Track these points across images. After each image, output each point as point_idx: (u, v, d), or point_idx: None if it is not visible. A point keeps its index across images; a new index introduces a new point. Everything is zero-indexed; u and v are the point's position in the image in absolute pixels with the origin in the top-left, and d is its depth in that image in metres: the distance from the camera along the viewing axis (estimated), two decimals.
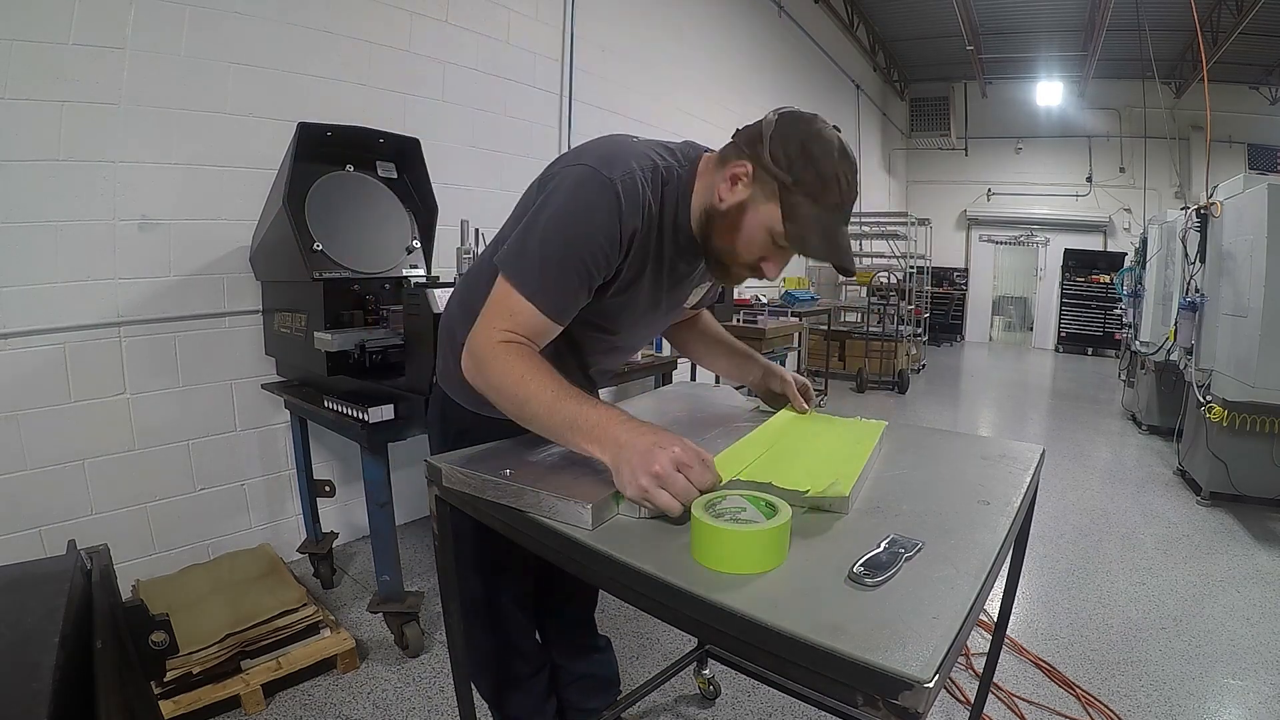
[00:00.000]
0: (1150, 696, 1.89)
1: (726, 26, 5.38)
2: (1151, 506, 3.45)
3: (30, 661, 0.54)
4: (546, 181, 0.99)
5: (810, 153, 0.90)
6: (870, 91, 9.28)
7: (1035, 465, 1.04)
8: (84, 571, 0.74)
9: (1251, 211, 3.18)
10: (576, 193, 0.92)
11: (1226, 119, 8.32)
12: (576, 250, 0.92)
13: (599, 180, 0.91)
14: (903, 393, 6.30)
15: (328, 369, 1.99)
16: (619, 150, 0.96)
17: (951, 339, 10.70)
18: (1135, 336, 5.18)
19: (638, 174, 0.93)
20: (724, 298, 4.24)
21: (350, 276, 2.12)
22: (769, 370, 1.31)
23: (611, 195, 0.91)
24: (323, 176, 2.12)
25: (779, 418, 1.20)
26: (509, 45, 3.37)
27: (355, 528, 2.77)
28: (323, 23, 2.56)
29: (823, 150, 0.91)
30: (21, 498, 1.93)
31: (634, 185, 0.93)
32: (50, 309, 1.97)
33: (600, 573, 0.78)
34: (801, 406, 1.24)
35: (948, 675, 0.57)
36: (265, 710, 1.74)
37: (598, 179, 0.91)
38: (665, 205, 0.99)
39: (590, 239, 0.92)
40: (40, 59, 1.89)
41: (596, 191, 0.91)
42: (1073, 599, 2.45)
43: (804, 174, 0.90)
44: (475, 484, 0.91)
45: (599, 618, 2.23)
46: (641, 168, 0.95)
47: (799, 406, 1.24)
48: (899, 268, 7.47)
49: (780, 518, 0.72)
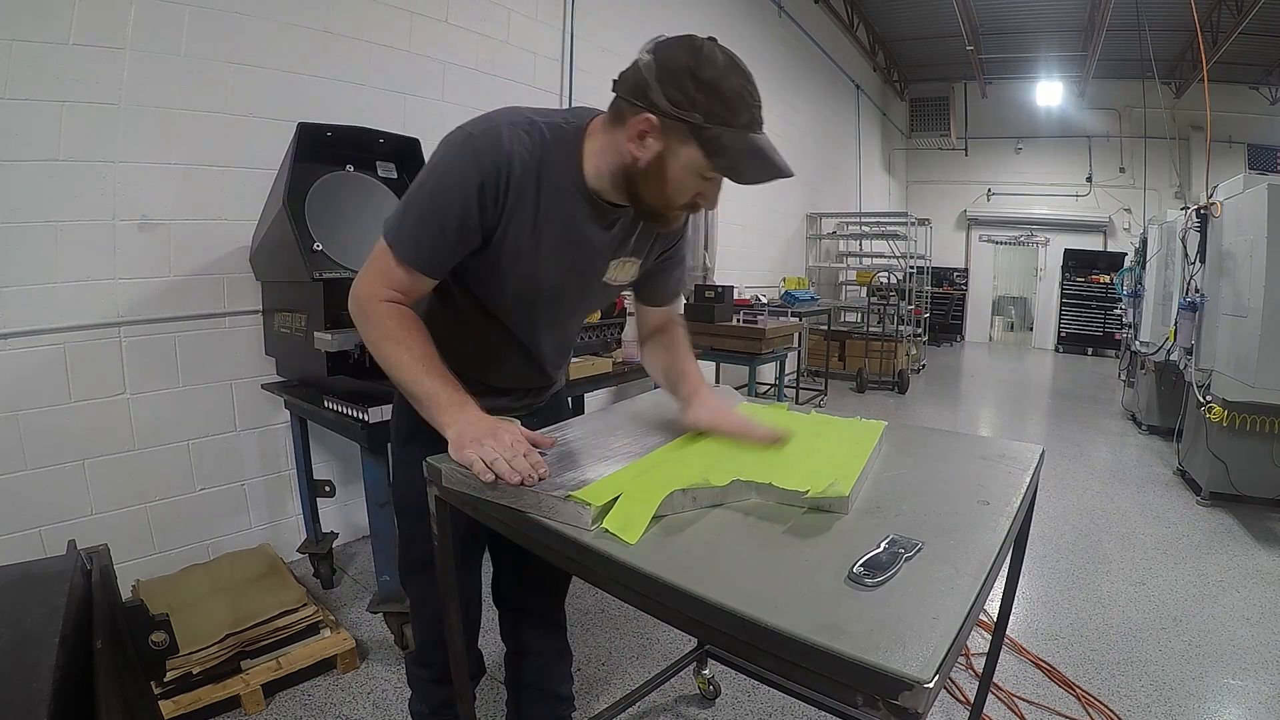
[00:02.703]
0: (1150, 696, 1.89)
1: (726, 26, 5.38)
2: (1151, 506, 3.45)
3: (30, 661, 0.55)
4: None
5: (703, 81, 0.89)
6: (870, 91, 9.28)
7: (1035, 465, 1.04)
8: (84, 571, 0.74)
9: (1251, 211, 3.18)
10: (441, 151, 0.99)
11: (1226, 119, 8.32)
12: (436, 200, 0.97)
13: (461, 135, 0.98)
14: (903, 393, 6.29)
15: (328, 369, 1.99)
16: (492, 114, 1.01)
17: (951, 339, 10.70)
18: (1135, 336, 5.18)
19: (504, 129, 0.97)
20: (723, 297, 4.24)
21: (350, 276, 2.09)
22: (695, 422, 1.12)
23: (469, 149, 0.96)
24: (323, 176, 2.12)
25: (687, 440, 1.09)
26: (509, 45, 3.37)
27: (355, 528, 2.78)
28: (323, 23, 2.56)
29: (715, 73, 0.89)
30: (21, 498, 1.93)
31: (496, 137, 0.96)
32: (50, 309, 1.97)
33: (600, 573, 0.78)
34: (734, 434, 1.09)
35: (948, 675, 0.57)
36: (265, 710, 1.74)
37: (460, 135, 0.98)
38: (548, 157, 1.00)
39: (447, 189, 0.97)
40: (40, 59, 1.89)
41: (457, 147, 0.97)
42: (1073, 599, 2.45)
43: (709, 105, 0.89)
44: (475, 484, 0.91)
45: (600, 618, 2.25)
46: (512, 123, 0.98)
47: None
48: (899, 268, 7.46)
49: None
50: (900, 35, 8.92)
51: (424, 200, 0.98)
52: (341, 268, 2.08)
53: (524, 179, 0.98)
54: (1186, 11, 5.49)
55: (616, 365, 2.88)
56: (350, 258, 2.11)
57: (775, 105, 6.13)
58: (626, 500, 0.83)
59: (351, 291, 1.03)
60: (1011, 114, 10.12)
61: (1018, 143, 10.44)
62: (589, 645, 2.11)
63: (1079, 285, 10.00)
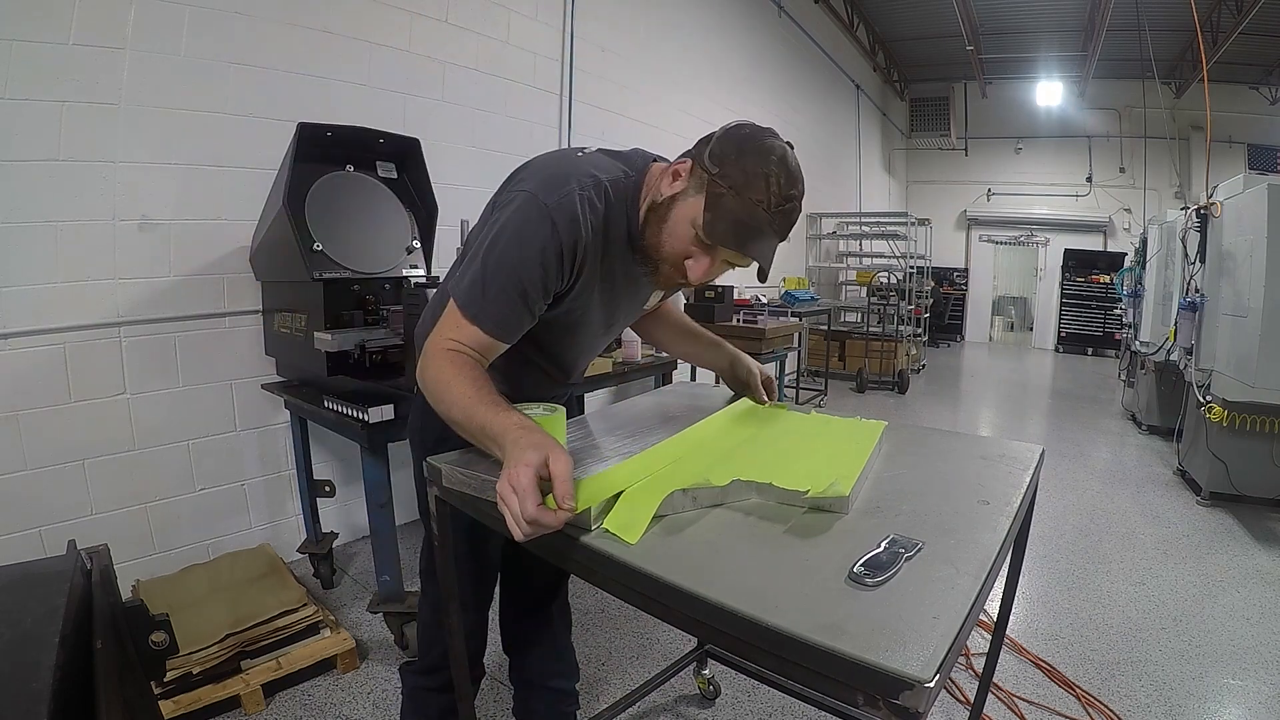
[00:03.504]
0: (1150, 696, 1.89)
1: (726, 27, 5.38)
2: (1151, 506, 3.45)
3: (30, 661, 0.55)
4: (496, 206, 1.05)
5: (744, 150, 0.93)
6: (870, 91, 9.29)
7: (1035, 465, 1.04)
8: (84, 571, 0.74)
9: (1251, 211, 3.18)
10: (517, 220, 0.97)
11: (1226, 119, 8.33)
12: (515, 275, 0.96)
13: (538, 207, 0.96)
14: (903, 393, 6.29)
15: (328, 369, 1.99)
16: (561, 171, 1.01)
17: (950, 339, 10.70)
18: (1135, 336, 5.18)
19: (575, 194, 0.97)
20: (723, 298, 4.24)
21: (350, 276, 2.11)
22: (736, 358, 1.35)
23: (547, 220, 0.96)
24: (323, 177, 2.12)
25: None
26: (509, 45, 3.37)
27: (355, 528, 2.78)
28: (323, 23, 2.56)
29: (758, 152, 0.94)
30: (21, 498, 1.93)
31: (572, 207, 0.97)
32: (50, 309, 1.97)
33: (600, 573, 0.78)
34: (761, 398, 1.31)
35: (948, 675, 0.57)
36: (265, 710, 1.74)
37: (536, 205, 0.96)
38: (612, 216, 1.03)
39: (527, 264, 0.96)
40: (40, 59, 1.89)
41: (536, 219, 0.96)
42: (1073, 599, 2.45)
43: (730, 168, 0.93)
44: (475, 484, 0.91)
45: (600, 618, 2.25)
46: (582, 186, 0.99)
47: (759, 397, 1.31)
48: (899, 268, 7.47)
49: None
50: (900, 35, 8.93)
51: (505, 273, 0.97)
52: (341, 268, 2.09)
53: (593, 244, 1.01)
54: (1186, 11, 5.49)
55: (616, 365, 2.89)
56: (350, 258, 2.11)
57: (775, 105, 6.14)
58: (627, 500, 0.83)
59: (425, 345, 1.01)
60: (1011, 114, 10.13)
61: (1018, 143, 10.44)
62: (589, 645, 2.11)
63: (1079, 285, 10.00)
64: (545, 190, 0.97)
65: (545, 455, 0.78)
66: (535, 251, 0.96)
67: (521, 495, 0.75)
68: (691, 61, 4.86)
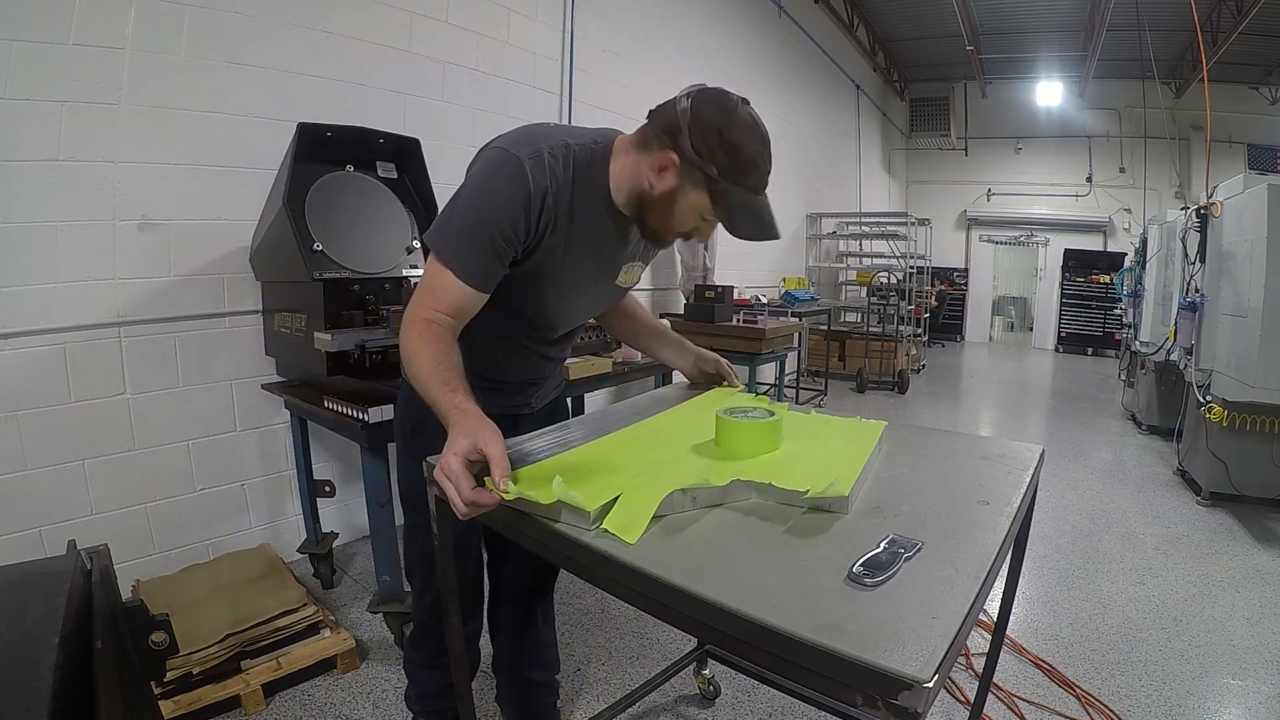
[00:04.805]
0: (1150, 696, 1.89)
1: (726, 26, 5.38)
2: (1151, 506, 3.45)
3: (30, 661, 0.55)
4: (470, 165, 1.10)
5: (729, 141, 0.98)
6: (870, 91, 9.28)
7: (1035, 465, 1.04)
8: (84, 571, 0.74)
9: (1251, 211, 3.18)
10: (488, 171, 1.03)
11: (1226, 119, 8.33)
12: (487, 221, 1.01)
13: (503, 155, 1.02)
14: (903, 393, 6.29)
15: (328, 369, 1.99)
16: (531, 134, 1.06)
17: (949, 339, 10.69)
18: (1135, 336, 5.18)
19: (545, 154, 1.03)
20: (723, 298, 4.24)
21: (350, 276, 2.11)
22: (700, 354, 1.48)
23: (515, 168, 1.01)
24: (323, 177, 2.12)
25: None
26: (509, 45, 3.37)
27: (355, 528, 2.77)
28: (322, 23, 2.56)
29: (740, 135, 0.99)
30: (21, 498, 1.93)
31: (541, 163, 1.02)
32: (50, 309, 1.97)
33: (600, 573, 0.78)
34: (734, 381, 1.44)
35: (948, 675, 0.57)
36: (265, 710, 1.74)
37: (502, 154, 1.02)
38: (578, 182, 1.07)
39: (498, 212, 1.01)
40: (40, 59, 1.89)
41: (502, 167, 1.02)
42: (1073, 599, 2.45)
43: (726, 163, 0.99)
44: None
45: (600, 618, 2.25)
46: (551, 149, 1.04)
47: (733, 381, 1.44)
48: (899, 268, 7.46)
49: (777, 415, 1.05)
50: (900, 35, 8.93)
51: (473, 217, 1.02)
52: (341, 268, 2.09)
53: (559, 201, 1.05)
54: (1186, 11, 5.49)
55: (616, 365, 2.89)
56: (350, 258, 2.11)
57: (775, 105, 6.14)
58: (626, 500, 0.83)
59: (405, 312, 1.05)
60: (1011, 114, 10.13)
61: (1018, 143, 10.44)
62: (589, 645, 2.11)
63: (1079, 285, 10.00)
64: (516, 146, 1.03)
65: (474, 441, 0.84)
66: (504, 199, 1.01)
67: (455, 480, 0.82)
68: (691, 61, 4.85)
